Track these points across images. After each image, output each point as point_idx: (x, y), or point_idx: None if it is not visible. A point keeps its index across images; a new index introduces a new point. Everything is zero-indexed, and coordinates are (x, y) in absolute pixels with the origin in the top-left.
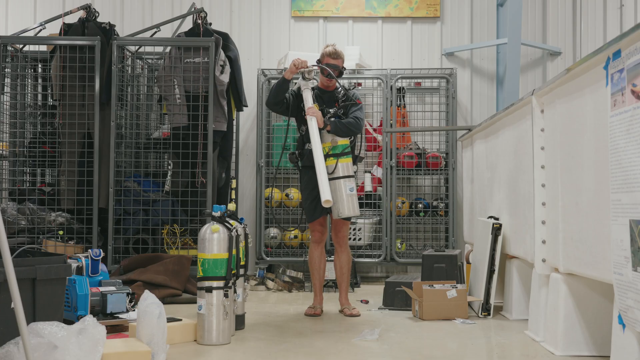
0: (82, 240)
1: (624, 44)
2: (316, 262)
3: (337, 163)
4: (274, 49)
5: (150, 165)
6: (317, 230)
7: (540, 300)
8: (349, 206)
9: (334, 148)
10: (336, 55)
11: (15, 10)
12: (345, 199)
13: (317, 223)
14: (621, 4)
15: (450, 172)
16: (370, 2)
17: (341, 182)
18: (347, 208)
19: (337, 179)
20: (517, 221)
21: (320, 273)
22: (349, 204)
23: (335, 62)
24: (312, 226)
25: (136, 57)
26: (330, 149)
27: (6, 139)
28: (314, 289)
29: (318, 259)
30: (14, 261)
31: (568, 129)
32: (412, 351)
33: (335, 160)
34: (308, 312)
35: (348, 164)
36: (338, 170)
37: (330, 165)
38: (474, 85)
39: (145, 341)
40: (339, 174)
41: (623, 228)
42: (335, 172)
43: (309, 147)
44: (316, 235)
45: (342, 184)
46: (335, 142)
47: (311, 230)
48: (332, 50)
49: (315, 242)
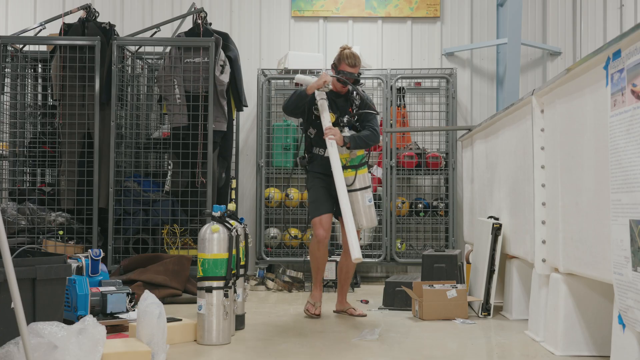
0: (82, 240)
1: (624, 44)
2: (319, 256)
3: (356, 175)
4: (274, 49)
5: (150, 165)
6: (321, 228)
7: (540, 300)
8: (367, 218)
9: (352, 160)
10: (354, 63)
11: (15, 10)
12: (364, 210)
13: (322, 219)
14: (621, 4)
15: (450, 172)
16: (370, 2)
17: (358, 194)
18: (365, 220)
19: (355, 191)
20: (517, 221)
21: (321, 266)
22: (367, 216)
23: (353, 70)
24: (315, 223)
25: (136, 57)
26: (348, 160)
27: (6, 139)
28: (315, 283)
29: (323, 256)
30: (14, 261)
31: (568, 129)
32: (412, 351)
33: (353, 172)
34: (308, 308)
35: (365, 175)
36: (356, 182)
37: (349, 177)
38: (474, 85)
39: (145, 341)
40: (357, 186)
41: (623, 228)
42: (353, 185)
43: (319, 153)
44: (319, 232)
45: (360, 196)
46: (354, 155)
47: (314, 228)
48: (350, 58)
49: (318, 241)
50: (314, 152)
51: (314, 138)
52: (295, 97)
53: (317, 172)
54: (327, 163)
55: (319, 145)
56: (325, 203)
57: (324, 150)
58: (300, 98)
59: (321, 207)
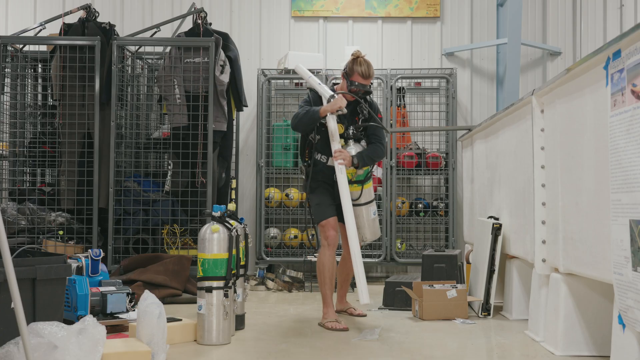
0: (82, 240)
1: (624, 44)
2: (329, 268)
3: (362, 190)
4: (274, 49)
5: (150, 165)
6: (331, 228)
7: (540, 300)
8: (371, 231)
9: (358, 175)
10: (368, 74)
11: (15, 10)
12: (368, 224)
13: (331, 220)
14: (621, 4)
15: (450, 172)
16: (370, 2)
17: (363, 209)
18: (369, 233)
19: (360, 206)
20: (517, 221)
21: (332, 281)
22: (371, 229)
23: (365, 82)
24: (324, 224)
25: (136, 57)
26: (354, 175)
27: (6, 139)
28: (326, 299)
29: (331, 265)
30: (14, 261)
31: (568, 129)
32: (412, 351)
33: (359, 187)
34: (334, 326)
35: (370, 189)
36: (362, 197)
37: (356, 192)
38: (474, 85)
39: (145, 341)
40: (362, 201)
41: (623, 228)
42: (359, 200)
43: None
44: (330, 233)
45: (364, 210)
46: (360, 170)
47: (323, 230)
48: (364, 67)
49: (329, 244)
50: (316, 159)
51: (318, 144)
52: (308, 118)
53: (320, 180)
54: (329, 172)
55: (322, 152)
56: (330, 206)
57: (326, 157)
58: (313, 120)
59: (327, 210)
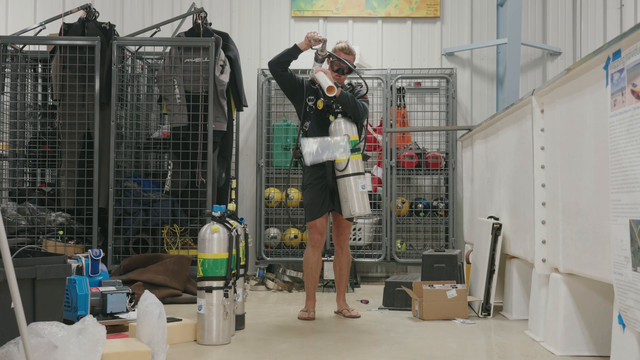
0: (82, 240)
1: (624, 44)
2: (313, 266)
3: (349, 160)
4: (274, 49)
5: (150, 165)
6: (317, 232)
7: (540, 300)
8: (360, 204)
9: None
10: (348, 50)
11: (15, 10)
12: (356, 197)
13: (318, 223)
14: (621, 4)
15: (450, 172)
16: (370, 2)
17: (351, 179)
18: (358, 206)
19: (348, 176)
20: (517, 221)
21: (315, 277)
22: (359, 202)
23: (347, 57)
24: (311, 226)
25: (136, 57)
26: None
27: (6, 139)
28: (308, 293)
29: (315, 263)
30: (14, 261)
31: (568, 129)
32: (412, 351)
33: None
34: (301, 315)
35: (358, 161)
36: (349, 167)
37: (342, 162)
38: (474, 85)
39: (145, 341)
40: (350, 171)
41: (623, 228)
42: (346, 170)
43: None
44: (315, 237)
45: (352, 181)
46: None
47: (310, 232)
48: (344, 46)
49: (313, 245)
50: None
51: (309, 130)
52: (284, 51)
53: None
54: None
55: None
56: (320, 204)
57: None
58: (288, 51)
59: (315, 210)
